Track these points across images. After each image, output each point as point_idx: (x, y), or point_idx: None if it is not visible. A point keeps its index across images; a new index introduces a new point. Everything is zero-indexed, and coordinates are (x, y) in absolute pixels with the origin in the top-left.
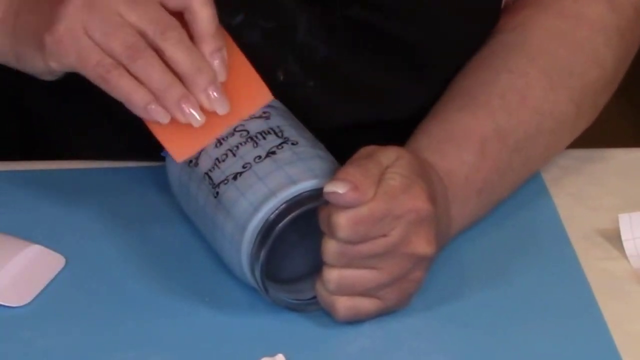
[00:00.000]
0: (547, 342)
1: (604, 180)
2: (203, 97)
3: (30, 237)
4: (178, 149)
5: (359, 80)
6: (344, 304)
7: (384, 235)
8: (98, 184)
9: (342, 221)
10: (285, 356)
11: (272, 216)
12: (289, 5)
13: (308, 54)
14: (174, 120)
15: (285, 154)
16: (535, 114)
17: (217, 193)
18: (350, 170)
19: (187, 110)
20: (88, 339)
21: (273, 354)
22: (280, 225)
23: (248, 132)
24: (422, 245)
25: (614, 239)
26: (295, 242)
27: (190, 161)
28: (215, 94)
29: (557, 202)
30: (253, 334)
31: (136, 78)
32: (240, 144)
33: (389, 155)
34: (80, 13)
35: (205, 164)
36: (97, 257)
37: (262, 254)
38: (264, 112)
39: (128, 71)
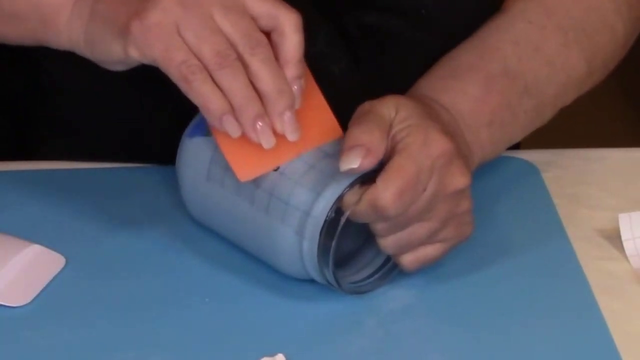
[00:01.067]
0: (547, 342)
1: (604, 180)
2: (278, 120)
3: (30, 237)
4: (242, 168)
5: (376, 89)
6: (409, 260)
7: (424, 190)
8: (98, 184)
9: (387, 202)
10: (285, 356)
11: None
12: (309, 17)
13: (326, 65)
14: (243, 139)
15: (328, 160)
16: (547, 64)
17: (263, 184)
18: (356, 133)
19: (261, 130)
20: (88, 339)
21: (273, 354)
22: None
23: None
24: (459, 181)
25: (614, 239)
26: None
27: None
28: (290, 119)
29: (557, 202)
30: (253, 334)
31: (218, 86)
32: None
33: (388, 106)
34: (175, 8)
35: None
36: (97, 257)
37: (334, 243)
38: None
39: (212, 78)
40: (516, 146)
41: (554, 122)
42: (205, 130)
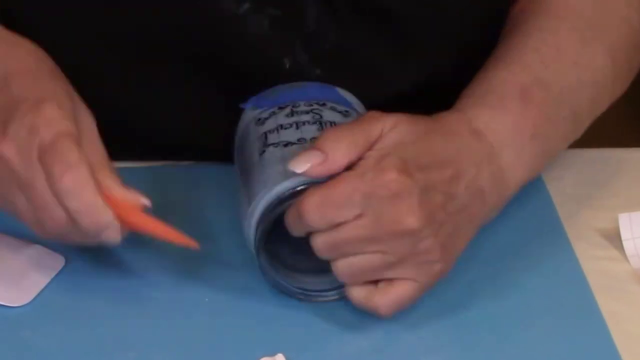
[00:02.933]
0: (547, 342)
1: (604, 180)
2: None
3: (30, 237)
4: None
5: (366, 66)
6: (382, 301)
7: (360, 216)
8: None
9: (308, 207)
10: (285, 356)
11: (299, 188)
12: None
13: (316, 41)
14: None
15: None
16: (573, 65)
17: (263, 152)
18: (328, 136)
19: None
20: (88, 339)
21: (273, 354)
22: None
23: (321, 117)
24: (406, 220)
25: (614, 239)
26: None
27: (259, 119)
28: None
29: (557, 202)
30: (253, 334)
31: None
32: (308, 122)
33: (385, 121)
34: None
35: (269, 125)
36: (97, 257)
37: (270, 218)
38: (346, 111)
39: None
40: None
41: None
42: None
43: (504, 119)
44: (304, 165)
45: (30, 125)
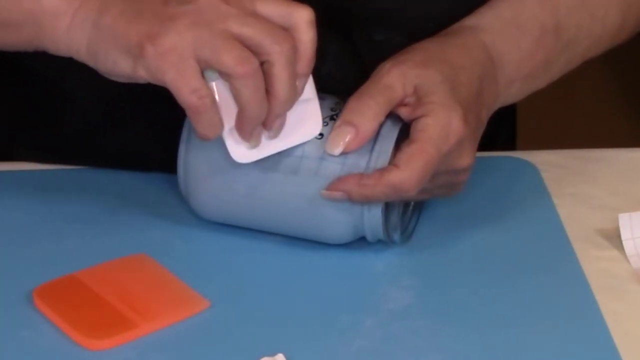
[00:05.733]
0: (547, 342)
1: (604, 180)
2: (272, 121)
3: (30, 237)
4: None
5: None
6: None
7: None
8: (98, 185)
9: (411, 185)
10: (285, 356)
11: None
12: (319, 35)
13: (333, 85)
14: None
15: None
16: (589, 17)
17: (322, 135)
18: (351, 109)
19: (256, 134)
20: None
21: (273, 354)
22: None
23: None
24: (464, 161)
25: (614, 239)
26: None
27: None
28: (281, 123)
29: (557, 202)
30: (253, 334)
31: (234, 92)
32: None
33: (406, 79)
34: (189, 31)
35: None
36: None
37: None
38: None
39: (231, 84)
40: (515, 146)
41: (554, 122)
42: None
43: (512, 57)
44: (339, 144)
45: None
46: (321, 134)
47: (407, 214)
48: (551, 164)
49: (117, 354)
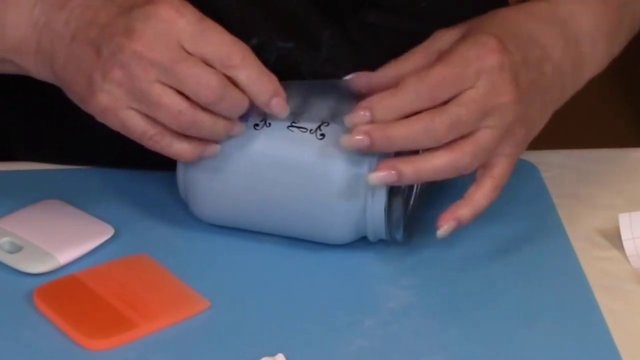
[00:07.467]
0: (547, 342)
1: (604, 180)
2: (267, 108)
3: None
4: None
5: None
6: (489, 187)
7: (471, 88)
8: (98, 185)
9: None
10: (285, 356)
11: None
12: (313, 21)
13: (330, 70)
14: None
15: None
16: None
17: (323, 135)
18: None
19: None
20: None
21: (273, 354)
22: None
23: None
24: (506, 92)
25: (614, 238)
26: None
27: (257, 124)
28: (278, 101)
29: (557, 202)
30: (253, 334)
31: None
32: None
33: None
34: (119, 87)
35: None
36: (97, 257)
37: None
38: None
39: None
40: None
41: (554, 122)
42: None
43: (587, 13)
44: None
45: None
46: (322, 135)
47: (407, 214)
48: (551, 164)
49: (117, 354)
